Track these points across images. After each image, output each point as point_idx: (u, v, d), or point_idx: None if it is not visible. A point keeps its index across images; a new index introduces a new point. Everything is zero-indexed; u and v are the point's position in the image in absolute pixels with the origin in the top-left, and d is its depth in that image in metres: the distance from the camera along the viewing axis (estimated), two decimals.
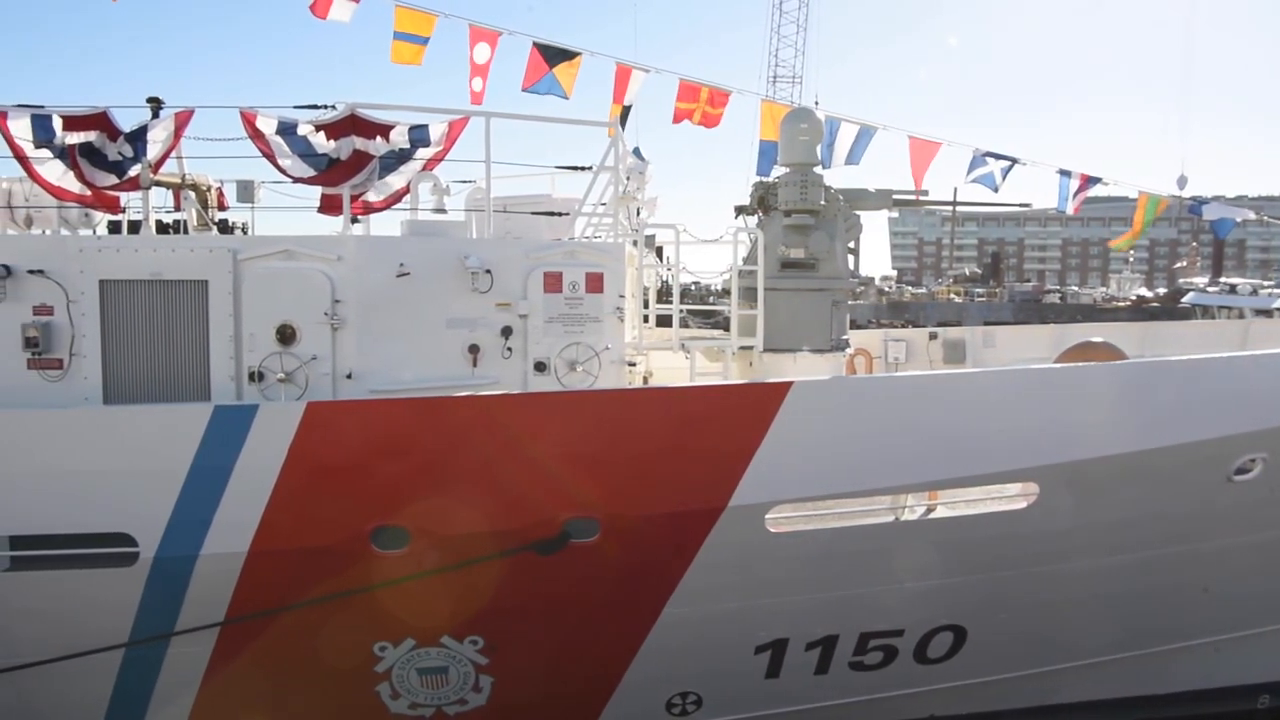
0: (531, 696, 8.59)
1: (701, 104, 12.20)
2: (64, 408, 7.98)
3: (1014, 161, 13.36)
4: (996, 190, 13.49)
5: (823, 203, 11.04)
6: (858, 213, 11.66)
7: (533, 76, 12.81)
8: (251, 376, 8.19)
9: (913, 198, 13.33)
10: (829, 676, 9.08)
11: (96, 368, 8.19)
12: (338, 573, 7.57)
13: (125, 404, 8.17)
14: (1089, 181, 13.65)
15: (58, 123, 8.60)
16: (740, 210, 11.66)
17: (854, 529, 8.40)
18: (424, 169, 9.24)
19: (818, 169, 11.30)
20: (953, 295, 73.49)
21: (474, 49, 12.82)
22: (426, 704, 8.45)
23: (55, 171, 8.76)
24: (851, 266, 11.83)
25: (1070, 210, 14.13)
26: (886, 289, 78.54)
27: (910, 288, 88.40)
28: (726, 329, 10.67)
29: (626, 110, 13.10)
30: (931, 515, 8.60)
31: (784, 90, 69.71)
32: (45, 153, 8.63)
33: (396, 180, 9.22)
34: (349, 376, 8.31)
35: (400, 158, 9.02)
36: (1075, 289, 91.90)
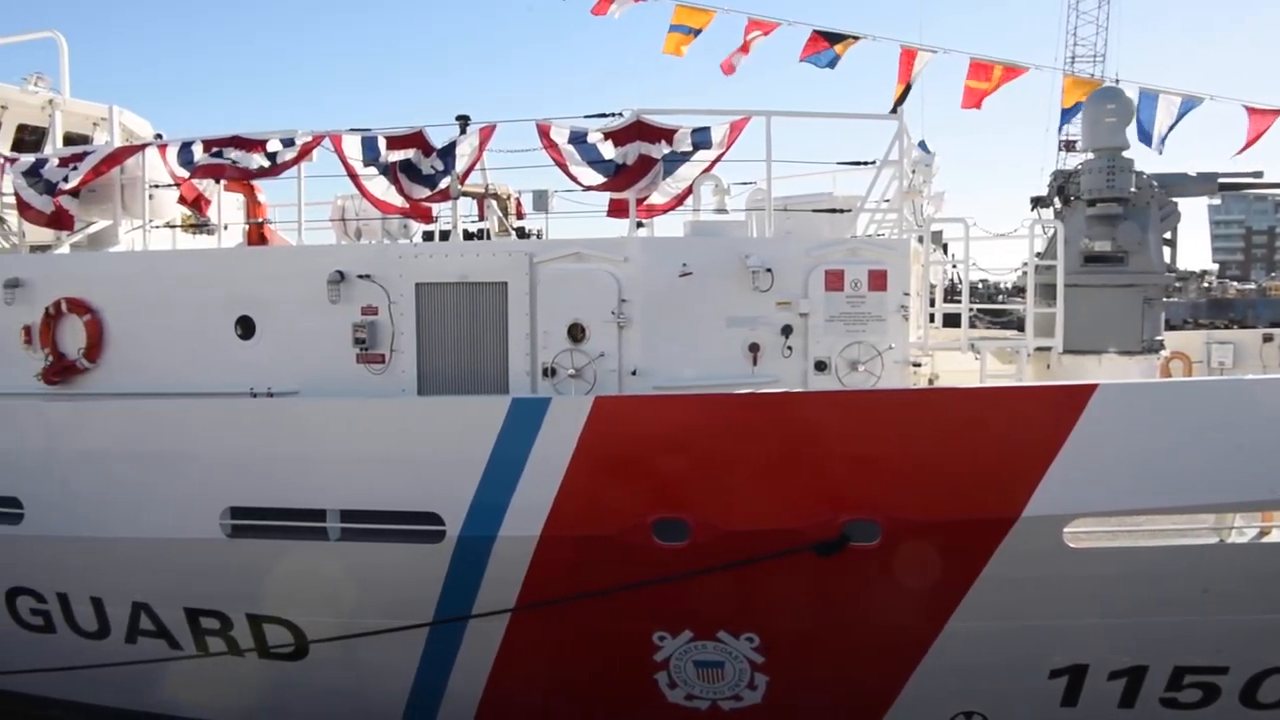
0: (807, 699, 8.49)
1: (994, 83, 11.37)
2: (385, 398, 8.87)
3: None
4: None
5: (1133, 189, 10.08)
6: (1174, 200, 10.54)
7: (809, 52, 12.59)
8: (545, 371, 8.70)
9: (1242, 181, 11.81)
10: (1135, 711, 8.27)
11: (412, 362, 9.03)
12: (621, 561, 7.86)
13: (436, 395, 8.95)
14: None
15: (382, 143, 9.55)
16: (1037, 202, 10.90)
17: (1169, 549, 7.62)
18: (704, 171, 9.37)
19: (1127, 153, 10.34)
20: None
21: (748, 37, 12.86)
22: (702, 697, 8.58)
23: (380, 187, 9.75)
24: (1167, 259, 10.71)
25: None
26: (1209, 284, 70.54)
27: (1235, 283, 78.89)
28: (1018, 329, 10.02)
29: (905, 92, 12.51)
30: (1266, 539, 7.61)
31: (1083, 69, 64.60)
32: (372, 170, 9.62)
33: (679, 182, 9.40)
34: (634, 373, 8.62)
35: (682, 159, 9.21)
36: None
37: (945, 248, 13.97)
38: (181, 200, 10.79)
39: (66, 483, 9.13)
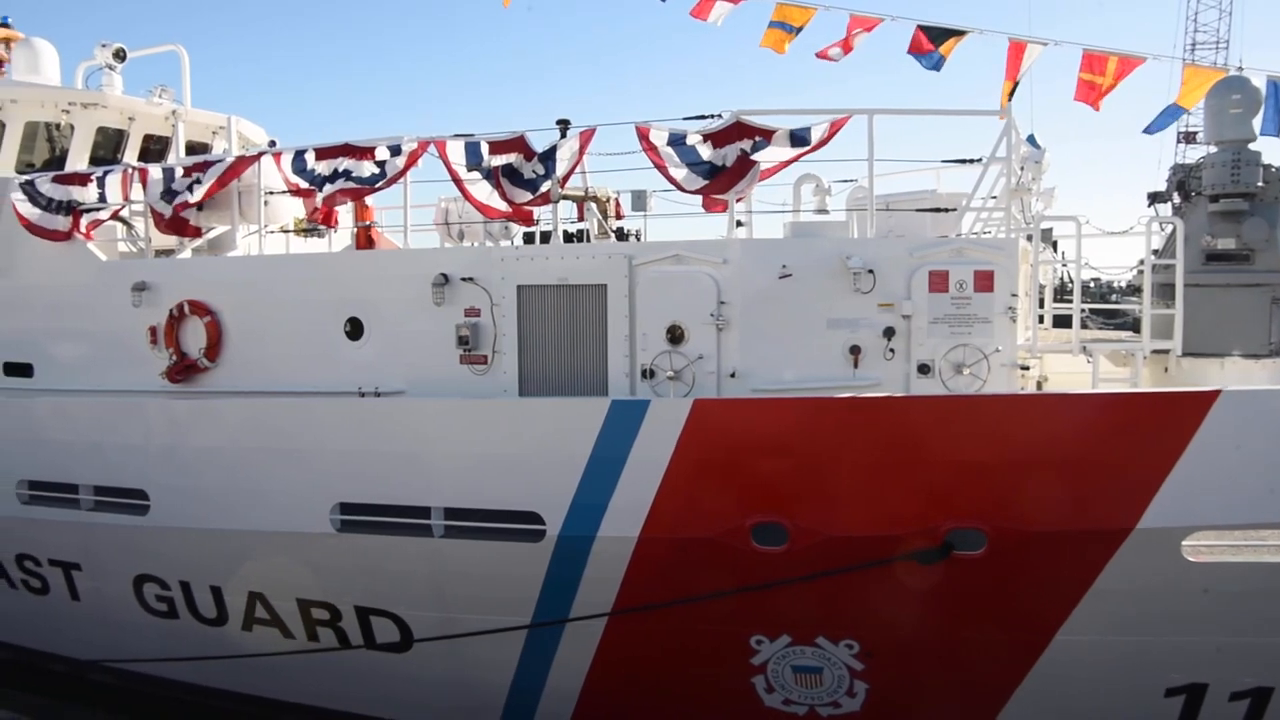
0: (907, 710, 8.34)
1: (1109, 75, 10.90)
2: (487, 399, 9.04)
3: None
4: None
5: (1261, 184, 9.59)
6: None
7: (914, 50, 12.32)
8: (644, 373, 8.74)
9: None
10: None
11: (514, 363, 9.18)
12: (719, 564, 7.85)
13: (536, 396, 9.09)
14: None
15: (484, 148, 9.72)
16: (1154, 197, 10.49)
17: None
18: (790, 160, 9.15)
19: (1254, 145, 9.85)
20: None
21: (851, 36, 12.65)
22: (800, 702, 8.51)
23: (483, 191, 9.91)
24: None
25: None
26: None
27: None
28: (1133, 330, 9.63)
29: (1014, 89, 12.11)
30: None
31: (1205, 57, 61.47)
32: (475, 175, 9.80)
33: (765, 161, 9.11)
34: (733, 375, 8.58)
35: (765, 143, 8.96)
36: None
37: (1055, 246, 13.53)
38: (312, 217, 11.29)
39: (188, 477, 9.59)
